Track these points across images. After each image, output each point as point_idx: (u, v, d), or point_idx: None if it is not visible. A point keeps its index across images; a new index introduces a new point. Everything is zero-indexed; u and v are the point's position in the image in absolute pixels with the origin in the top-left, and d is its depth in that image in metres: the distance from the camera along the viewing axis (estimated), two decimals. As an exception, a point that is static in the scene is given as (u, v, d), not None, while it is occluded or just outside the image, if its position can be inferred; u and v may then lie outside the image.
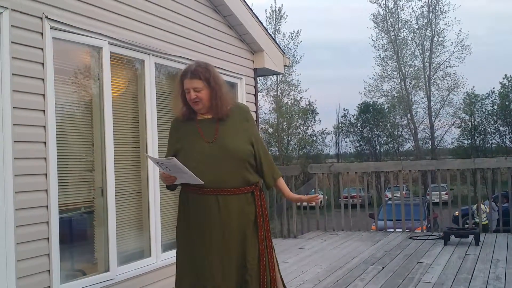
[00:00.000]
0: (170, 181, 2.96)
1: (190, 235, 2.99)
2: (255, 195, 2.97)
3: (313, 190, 9.12)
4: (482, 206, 12.68)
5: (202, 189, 2.91)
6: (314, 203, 3.18)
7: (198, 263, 2.95)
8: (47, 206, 3.70)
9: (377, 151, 38.79)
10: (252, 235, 2.95)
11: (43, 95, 3.71)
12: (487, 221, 10.77)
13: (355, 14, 77.65)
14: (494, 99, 36.08)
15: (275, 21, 35.94)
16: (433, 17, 37.16)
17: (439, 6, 36.76)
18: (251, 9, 6.32)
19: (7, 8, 3.47)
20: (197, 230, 2.95)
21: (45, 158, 3.71)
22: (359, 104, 38.99)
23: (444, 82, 37.49)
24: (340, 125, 39.85)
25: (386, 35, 38.01)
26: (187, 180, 2.90)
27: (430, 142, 38.00)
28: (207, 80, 2.90)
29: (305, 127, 37.51)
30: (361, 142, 39.23)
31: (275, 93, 36.07)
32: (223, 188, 2.89)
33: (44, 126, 3.71)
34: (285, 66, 7.34)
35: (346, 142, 40.08)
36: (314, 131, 37.84)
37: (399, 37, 37.72)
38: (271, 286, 2.94)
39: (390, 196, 14.52)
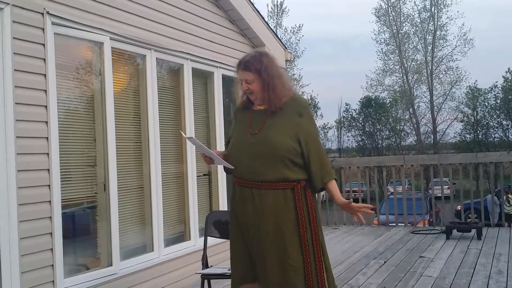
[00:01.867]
0: (207, 161, 2.98)
1: (236, 226, 2.98)
2: (296, 193, 2.82)
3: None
4: (511, 196, 12.73)
5: (240, 180, 2.89)
6: (360, 215, 2.87)
7: (243, 255, 2.93)
8: (50, 201, 3.71)
9: (379, 145, 38.73)
10: (292, 235, 2.81)
11: (45, 90, 3.72)
12: None
13: (357, 8, 77.36)
14: (497, 93, 35.98)
15: (277, 15, 35.89)
16: (435, 10, 37.03)
17: (442, 0, 36.63)
18: (252, 4, 6.31)
19: (8, 3, 3.46)
20: (239, 222, 2.94)
21: (48, 154, 3.71)
22: (361, 99, 38.93)
23: (446, 76, 37.43)
24: (342, 119, 39.80)
25: (388, 29, 37.92)
26: (220, 162, 2.93)
27: (432, 136, 37.95)
28: (258, 71, 2.85)
29: (307, 121, 37.43)
30: (363, 137, 39.17)
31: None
32: (257, 181, 2.82)
33: (46, 122, 3.71)
34: (286, 60, 7.33)
35: (348, 136, 40.05)
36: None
37: (401, 31, 37.62)
38: None
39: (392, 190, 14.47)
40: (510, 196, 13.47)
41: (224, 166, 3.05)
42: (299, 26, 37.00)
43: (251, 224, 2.86)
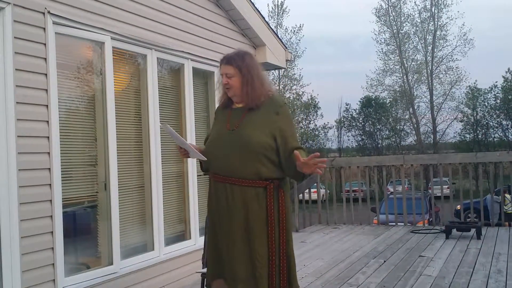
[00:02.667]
0: (181, 153, 3.05)
1: (210, 220, 3.06)
2: (268, 192, 2.86)
3: (315, 184, 9.13)
4: (507, 195, 12.74)
5: (216, 176, 2.97)
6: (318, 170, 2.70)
7: (215, 249, 3.00)
8: (51, 200, 3.72)
9: (379, 145, 38.74)
10: (261, 233, 2.86)
11: (46, 90, 3.73)
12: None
13: (358, 8, 77.41)
14: (497, 93, 35.99)
15: (277, 15, 35.87)
16: (435, 10, 37.05)
17: (442, 0, 36.63)
18: (253, 4, 6.32)
19: (10, 3, 3.48)
20: (213, 217, 3.02)
21: (49, 153, 3.73)
22: (361, 99, 38.92)
23: (446, 76, 37.46)
24: (342, 119, 39.80)
25: (388, 29, 37.93)
26: (195, 155, 2.99)
27: (432, 136, 37.96)
28: (239, 67, 2.94)
29: (307, 121, 37.50)
30: (363, 137, 39.17)
31: (277, 87, 36.04)
32: (232, 177, 2.88)
33: (47, 121, 3.73)
34: (287, 60, 7.34)
35: (348, 136, 40.04)
36: (316, 125, 37.83)
37: (402, 31, 37.63)
38: None
39: (392, 190, 14.49)
40: (506, 195, 13.46)
41: (201, 165, 3.17)
42: (300, 26, 37.00)
43: (224, 220, 2.93)
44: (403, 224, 8.59)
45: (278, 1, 35.72)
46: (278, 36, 7.17)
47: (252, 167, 2.85)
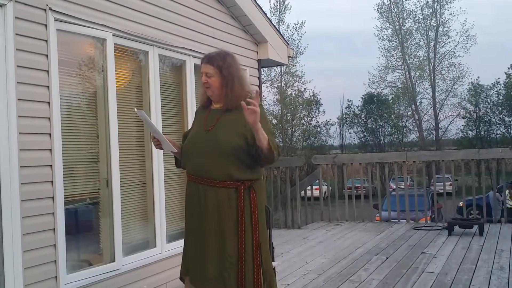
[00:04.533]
0: (155, 143, 3.07)
1: (186, 219, 3.11)
2: (239, 193, 2.87)
3: (317, 181, 9.12)
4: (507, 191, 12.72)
5: (190, 176, 3.01)
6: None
7: (187, 248, 3.06)
8: (52, 197, 3.72)
9: (381, 142, 38.70)
10: (232, 234, 2.86)
11: (48, 87, 3.72)
12: None
13: (360, 4, 77.22)
14: (499, 90, 35.92)
15: (279, 11, 35.81)
16: (438, 7, 36.94)
17: (444, -4, 36.52)
18: (255, 0, 6.30)
19: (11, 0, 3.47)
20: (187, 216, 3.08)
21: (50, 150, 3.72)
22: (363, 95, 38.88)
23: (449, 72, 37.37)
24: (344, 116, 39.75)
25: (390, 26, 37.85)
26: (168, 147, 3.03)
27: (434, 132, 37.91)
28: (220, 68, 2.95)
29: (309, 118, 37.48)
30: (365, 133, 39.13)
31: (279, 84, 36.02)
32: (204, 178, 2.91)
33: (49, 118, 3.72)
34: (289, 57, 7.32)
35: (350, 133, 40.01)
36: (318, 122, 37.81)
37: (404, 27, 37.55)
38: None
39: (394, 186, 14.47)
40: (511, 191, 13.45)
41: (176, 161, 3.22)
42: (302, 22, 37.10)
43: (196, 219, 2.96)
44: (405, 221, 8.58)
45: (280, -2, 35.63)
46: (280, 33, 7.15)
47: (222, 169, 2.87)
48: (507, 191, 12.78)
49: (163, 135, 3.03)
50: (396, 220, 8.68)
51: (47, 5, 3.73)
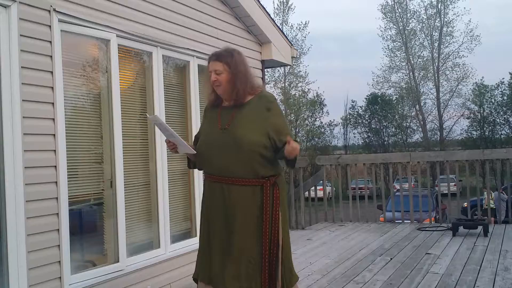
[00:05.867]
0: (170, 147, 3.03)
1: (204, 222, 3.04)
2: (264, 190, 2.86)
3: (321, 181, 9.12)
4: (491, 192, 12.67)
5: (211, 176, 2.94)
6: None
7: (206, 251, 2.99)
8: (57, 198, 3.73)
9: (385, 142, 38.66)
10: (256, 231, 2.85)
11: (52, 87, 3.73)
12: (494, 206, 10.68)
13: (363, 4, 77.14)
14: (504, 90, 35.82)
15: (283, 12, 35.85)
16: (442, 7, 36.90)
17: (448, -4, 36.46)
18: (258, 1, 6.30)
19: (15, 1, 3.48)
20: (207, 218, 3.00)
21: (55, 151, 3.73)
22: (367, 96, 38.86)
23: (453, 72, 37.35)
24: (348, 116, 39.73)
25: (394, 26, 37.84)
26: (184, 148, 2.98)
27: (438, 133, 37.86)
28: (228, 64, 2.93)
29: (313, 118, 37.50)
30: (369, 134, 39.11)
31: (283, 84, 36.03)
32: (227, 177, 2.87)
33: (53, 119, 3.73)
34: (292, 57, 7.32)
35: (354, 133, 40.01)
36: (322, 122, 37.84)
37: (408, 28, 37.53)
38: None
39: (398, 187, 14.45)
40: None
41: (188, 162, 3.16)
42: (305, 23, 36.97)
43: (218, 219, 2.91)
44: (409, 221, 8.56)
45: (283, -2, 35.65)
46: (283, 33, 7.14)
47: (246, 166, 2.84)
48: (485, 192, 12.67)
49: (180, 137, 2.98)
50: (400, 221, 8.66)
51: (51, 6, 3.74)
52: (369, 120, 38.91)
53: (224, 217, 2.89)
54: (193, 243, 5.22)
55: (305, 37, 37.25)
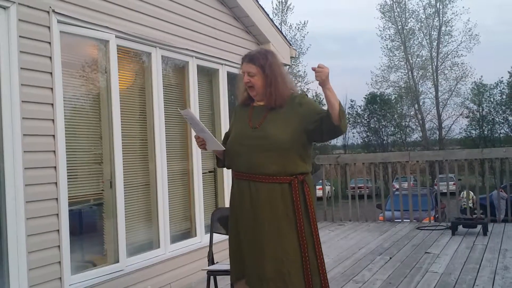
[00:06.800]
0: (199, 143, 3.00)
1: (233, 221, 2.99)
2: (293, 187, 2.83)
3: (320, 181, 9.12)
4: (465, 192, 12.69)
5: (238, 174, 2.92)
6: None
7: (238, 249, 2.95)
8: (57, 198, 3.73)
9: (384, 141, 38.65)
10: (289, 230, 2.81)
11: (51, 88, 3.74)
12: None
13: (362, 4, 77.12)
14: (503, 89, 35.81)
15: (281, 12, 35.82)
16: (440, 6, 36.90)
17: (447, -5, 36.47)
18: (257, 1, 6.31)
19: (15, 2, 3.48)
20: (236, 215, 2.95)
21: (54, 151, 3.74)
22: (366, 95, 38.83)
23: (452, 72, 37.32)
24: (347, 116, 39.69)
25: (393, 25, 37.81)
26: (213, 144, 2.95)
27: (437, 132, 37.86)
28: (262, 67, 2.89)
29: (312, 118, 37.39)
30: (368, 133, 39.08)
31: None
32: (255, 175, 2.83)
33: (53, 120, 3.74)
34: (291, 57, 7.32)
35: (353, 133, 39.94)
36: (321, 122, 37.73)
37: (406, 27, 37.50)
38: (322, 286, 2.86)
39: (397, 186, 14.47)
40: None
41: (217, 160, 3.12)
42: (304, 23, 36.96)
43: (247, 217, 2.87)
44: (409, 220, 8.57)
45: (282, -2, 35.63)
46: (282, 33, 7.15)
47: (276, 164, 2.81)
48: (464, 192, 12.65)
49: (210, 133, 2.95)
50: (400, 220, 8.67)
51: (50, 7, 3.75)
52: (368, 120, 38.89)
53: (252, 214, 2.85)
54: (193, 243, 5.23)
55: (304, 37, 37.23)
